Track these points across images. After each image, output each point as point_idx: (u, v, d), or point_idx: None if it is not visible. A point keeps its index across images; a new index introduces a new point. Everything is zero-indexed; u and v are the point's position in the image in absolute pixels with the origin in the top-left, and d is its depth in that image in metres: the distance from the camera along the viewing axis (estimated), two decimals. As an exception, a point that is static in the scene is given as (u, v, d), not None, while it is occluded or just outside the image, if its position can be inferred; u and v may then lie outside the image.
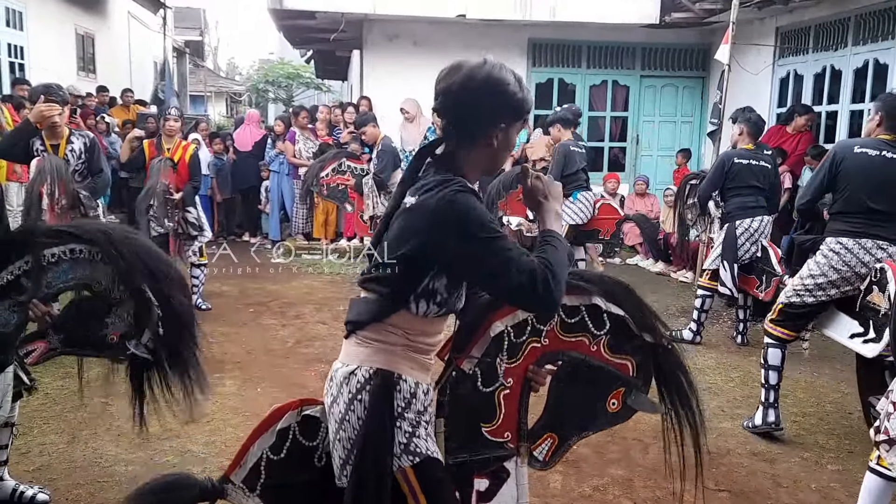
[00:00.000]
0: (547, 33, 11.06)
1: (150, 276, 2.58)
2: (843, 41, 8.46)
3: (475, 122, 1.86)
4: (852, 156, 3.94)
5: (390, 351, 1.88)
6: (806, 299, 4.06)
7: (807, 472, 3.84)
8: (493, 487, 2.19)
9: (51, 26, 11.94)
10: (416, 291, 1.84)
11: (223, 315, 6.60)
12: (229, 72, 41.60)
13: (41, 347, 2.71)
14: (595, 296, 2.18)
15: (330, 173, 8.96)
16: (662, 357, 2.23)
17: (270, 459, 2.01)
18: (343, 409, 1.88)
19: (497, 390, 2.15)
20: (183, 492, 2.01)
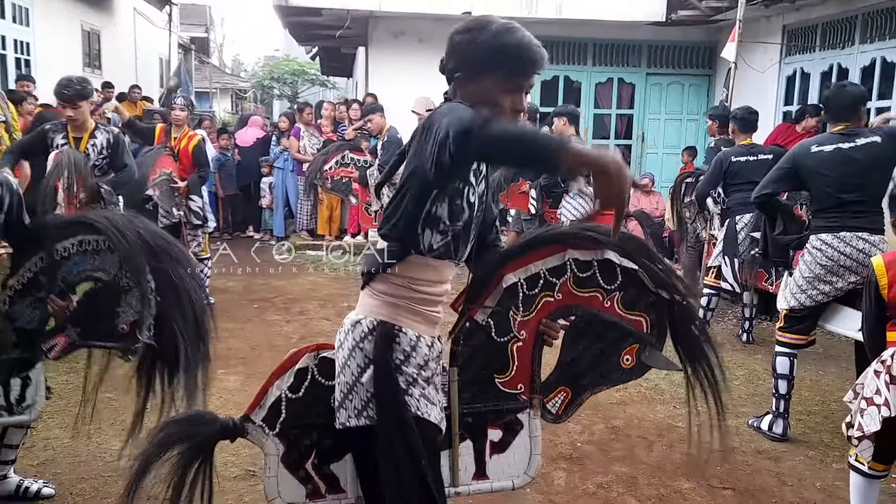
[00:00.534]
0: (553, 30, 11.02)
1: (153, 259, 2.58)
2: (850, 39, 8.44)
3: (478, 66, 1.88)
4: (810, 156, 4.02)
5: (394, 304, 1.92)
6: (804, 301, 4.08)
7: (812, 471, 3.82)
8: (507, 438, 2.25)
9: (57, 23, 11.96)
10: (421, 220, 1.86)
11: (227, 310, 6.60)
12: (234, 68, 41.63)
13: (62, 342, 2.75)
14: (608, 250, 2.17)
15: (333, 166, 8.95)
16: (678, 314, 2.20)
17: (290, 399, 2.08)
18: (346, 355, 1.94)
19: (510, 342, 2.19)
20: (205, 427, 2.07)
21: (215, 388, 4.65)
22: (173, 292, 2.60)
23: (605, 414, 4.41)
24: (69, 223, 2.76)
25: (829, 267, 3.96)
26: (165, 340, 2.59)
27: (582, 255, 2.18)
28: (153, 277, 2.58)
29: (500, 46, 1.84)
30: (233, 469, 3.54)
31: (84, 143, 4.99)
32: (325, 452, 2.13)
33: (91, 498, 3.31)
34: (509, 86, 1.87)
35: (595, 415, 4.36)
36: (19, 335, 2.75)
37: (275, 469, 2.10)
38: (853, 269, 3.92)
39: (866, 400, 2.84)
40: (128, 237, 2.58)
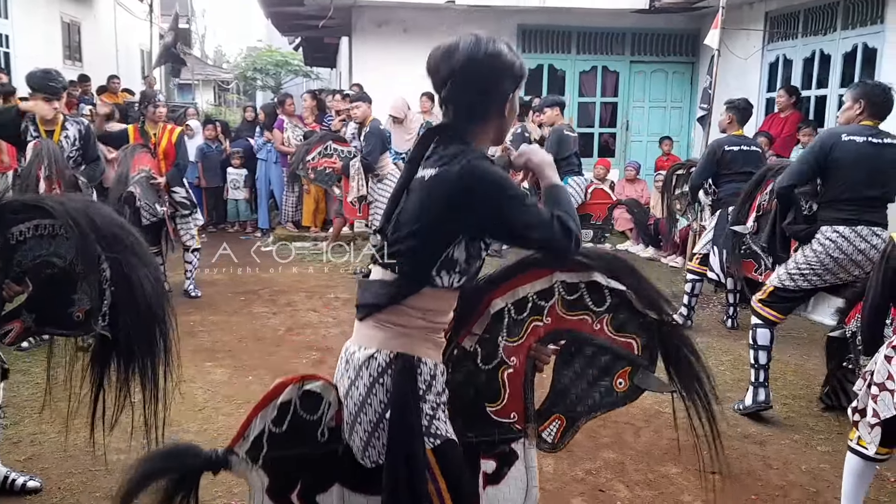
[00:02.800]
0: (536, 19, 11.03)
1: (107, 246, 2.52)
2: (832, 25, 8.48)
3: (487, 101, 1.90)
4: (842, 144, 3.94)
5: (409, 334, 1.89)
6: (800, 283, 4.09)
7: (797, 454, 3.87)
8: (502, 470, 2.20)
9: (36, 14, 11.83)
10: (437, 264, 1.85)
11: (214, 303, 6.59)
12: (217, 60, 41.31)
13: (17, 327, 2.70)
14: (595, 271, 2.15)
15: (316, 156, 8.89)
16: (667, 334, 2.20)
17: (272, 432, 2.03)
18: (363, 393, 1.89)
19: (500, 369, 2.14)
20: (188, 460, 2.02)
21: (202, 381, 4.65)
22: (127, 282, 2.52)
23: (593, 401, 4.43)
24: (24, 206, 2.67)
25: (840, 260, 3.96)
26: (119, 331, 2.53)
27: (569, 276, 2.14)
28: (108, 266, 2.51)
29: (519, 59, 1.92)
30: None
31: (57, 136, 4.97)
32: (311, 484, 2.08)
33: (79, 493, 3.30)
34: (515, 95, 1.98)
35: (583, 402, 4.38)
36: None
37: (259, 501, 2.05)
38: (860, 263, 3.93)
39: (878, 385, 2.80)
40: (81, 223, 2.51)
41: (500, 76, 1.88)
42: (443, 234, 1.84)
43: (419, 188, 1.87)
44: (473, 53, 1.84)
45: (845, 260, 3.94)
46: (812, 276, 4.04)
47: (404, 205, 1.90)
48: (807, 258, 4.07)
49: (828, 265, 3.99)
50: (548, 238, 1.83)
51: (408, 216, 1.87)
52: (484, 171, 1.80)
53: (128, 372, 2.56)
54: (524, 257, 2.18)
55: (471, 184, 1.79)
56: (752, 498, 3.42)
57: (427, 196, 1.84)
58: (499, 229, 1.87)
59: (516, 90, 1.94)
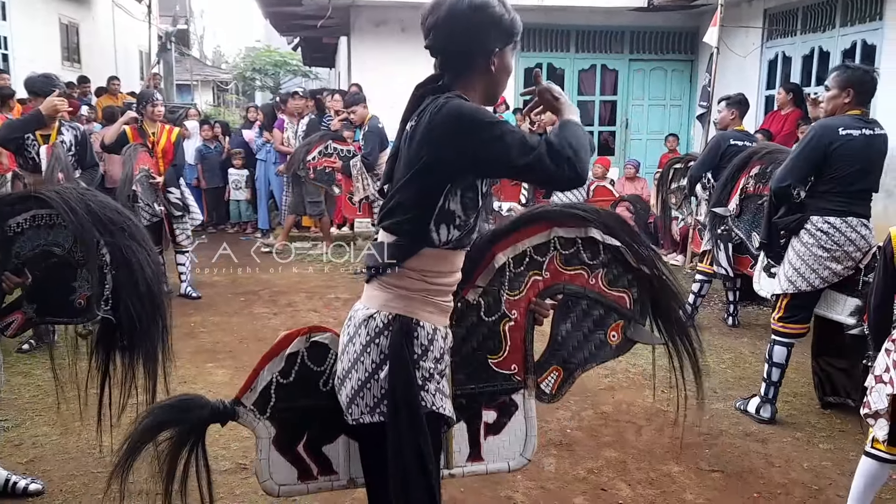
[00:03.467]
0: (535, 17, 11.00)
1: (105, 231, 2.55)
2: (830, 22, 8.48)
3: (469, 50, 1.88)
4: (840, 139, 3.88)
5: (409, 297, 1.89)
6: (800, 286, 4.02)
7: (799, 452, 3.86)
8: (502, 420, 2.27)
9: (35, 16, 11.83)
10: (434, 216, 1.83)
11: (214, 304, 6.58)
12: (215, 60, 41.28)
13: (19, 319, 2.73)
14: (592, 227, 2.22)
15: (317, 156, 8.90)
16: (658, 289, 2.28)
17: (280, 383, 2.09)
18: (358, 350, 1.90)
19: (502, 321, 2.21)
20: (196, 411, 2.06)
21: (204, 382, 4.65)
22: (126, 265, 2.55)
23: (595, 400, 4.43)
24: (21, 198, 2.71)
25: (832, 251, 3.93)
26: (122, 314, 2.55)
27: (566, 232, 2.22)
28: (107, 250, 2.55)
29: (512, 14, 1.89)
30: (224, 462, 3.53)
31: (52, 141, 4.97)
32: (317, 435, 2.14)
33: (81, 495, 3.30)
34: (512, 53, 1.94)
35: (584, 401, 4.39)
36: None
37: (266, 451, 2.11)
38: (851, 254, 3.92)
39: (875, 378, 2.83)
40: (77, 211, 2.55)
41: (483, 28, 1.85)
42: (434, 181, 1.81)
43: (406, 142, 1.87)
44: (456, 3, 1.84)
45: (837, 250, 3.91)
46: (809, 273, 3.99)
47: (398, 161, 1.91)
48: (799, 254, 4.01)
49: (820, 258, 3.95)
50: (532, 163, 1.75)
51: (402, 171, 1.87)
52: (460, 106, 1.77)
53: (133, 354, 2.59)
54: (525, 212, 2.27)
55: (448, 120, 1.76)
56: (754, 496, 3.41)
57: (412, 143, 1.83)
58: (485, 162, 1.80)
59: (507, 46, 1.90)
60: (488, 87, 1.92)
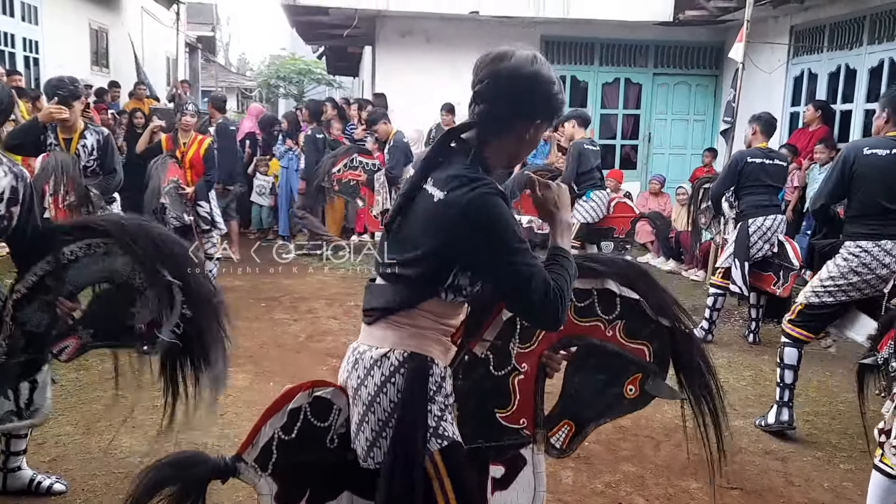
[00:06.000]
0: (560, 30, 11.05)
1: (166, 261, 2.63)
2: (858, 40, 8.43)
3: (514, 113, 1.85)
4: (863, 157, 3.90)
5: (423, 335, 1.89)
6: (825, 300, 4.04)
7: (819, 471, 3.83)
8: (510, 475, 2.19)
9: (65, 21, 12.00)
10: (444, 284, 1.85)
11: (235, 309, 6.61)
12: (240, 67, 41.69)
13: (73, 343, 2.78)
14: (608, 279, 2.15)
15: (342, 169, 8.98)
16: (680, 342, 2.19)
17: (282, 439, 2.02)
18: (373, 392, 1.89)
19: (511, 375, 2.14)
20: (196, 468, 2.02)
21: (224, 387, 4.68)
22: (193, 295, 2.65)
23: (613, 414, 4.41)
24: (76, 227, 2.79)
25: (863, 274, 3.92)
26: (187, 338, 2.64)
27: (581, 283, 2.13)
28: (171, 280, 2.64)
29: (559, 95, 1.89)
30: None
31: (74, 145, 4.98)
32: (320, 491, 2.08)
33: (102, 495, 3.33)
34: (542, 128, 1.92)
35: (602, 414, 4.37)
36: (28, 339, 2.77)
37: None
38: (885, 277, 3.88)
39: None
40: (140, 242, 2.63)
41: (535, 98, 1.84)
42: (446, 261, 1.83)
43: (429, 206, 1.82)
44: (522, 65, 1.82)
45: (870, 275, 3.90)
46: (837, 292, 3.99)
47: (410, 215, 1.88)
48: (830, 273, 4.03)
49: (852, 280, 3.95)
50: (528, 303, 1.77)
51: (419, 233, 1.85)
52: (493, 212, 1.75)
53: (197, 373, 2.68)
54: None
55: (475, 221, 1.74)
56: (773, 515, 3.39)
57: (434, 220, 1.81)
58: (489, 275, 1.83)
59: (544, 122, 1.89)
60: (514, 153, 1.93)
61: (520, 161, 2.01)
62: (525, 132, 1.87)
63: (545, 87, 1.84)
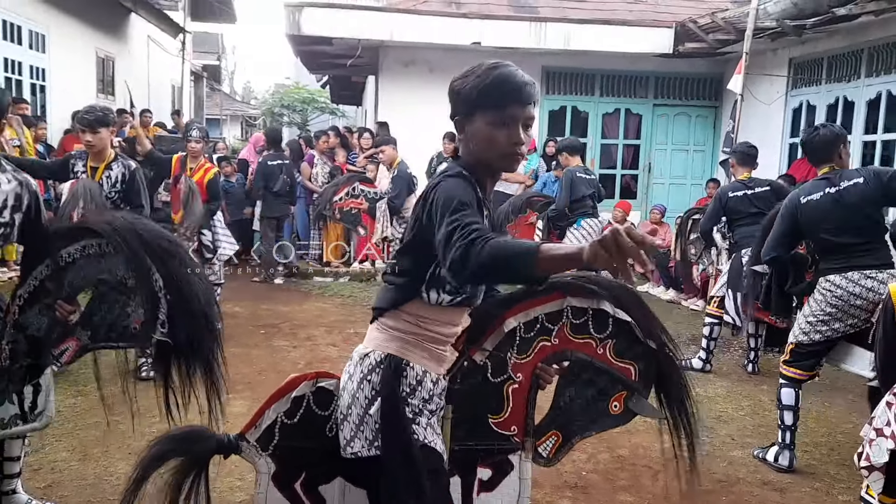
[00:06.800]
0: (561, 61, 11.15)
1: (156, 258, 2.62)
2: (856, 72, 8.51)
3: (454, 112, 1.99)
4: (802, 206, 4.07)
5: (402, 339, 1.99)
6: (813, 336, 4.10)
7: (817, 502, 3.81)
8: (496, 478, 2.29)
9: (72, 49, 12.14)
10: (424, 279, 1.93)
11: (234, 336, 6.63)
12: (245, 95, 42.04)
13: (73, 345, 2.81)
14: (604, 300, 2.26)
15: (344, 197, 9.05)
16: (665, 364, 2.31)
17: (284, 423, 2.15)
18: (355, 387, 2.00)
19: (506, 384, 2.24)
20: (201, 443, 2.14)
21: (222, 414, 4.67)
22: (180, 291, 2.63)
23: (611, 443, 4.40)
24: (71, 230, 2.82)
25: (839, 307, 3.97)
26: (178, 334, 2.62)
27: (579, 302, 2.26)
28: (160, 276, 2.62)
29: (482, 83, 1.91)
30: (238, 494, 3.56)
31: (100, 173, 4.97)
32: (315, 475, 2.19)
33: (97, 520, 3.33)
34: (498, 119, 1.89)
35: (600, 444, 4.36)
36: (30, 343, 2.81)
37: (264, 486, 2.16)
38: (864, 307, 3.92)
39: (876, 431, 2.83)
40: (128, 239, 2.62)
41: (456, 96, 1.97)
42: (424, 251, 1.88)
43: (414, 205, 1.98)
44: (476, 65, 1.97)
45: (845, 305, 3.96)
46: (822, 326, 4.05)
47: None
48: (811, 310, 4.11)
49: (831, 313, 4.01)
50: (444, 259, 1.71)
51: (407, 230, 1.99)
52: (442, 184, 1.85)
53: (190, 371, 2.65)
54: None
55: (433, 198, 1.83)
56: (770, 546, 3.37)
57: (414, 214, 1.95)
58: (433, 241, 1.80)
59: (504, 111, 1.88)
60: (475, 149, 1.95)
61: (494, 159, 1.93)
62: (463, 125, 1.97)
63: (459, 82, 1.95)
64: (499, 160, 1.94)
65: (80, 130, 4.97)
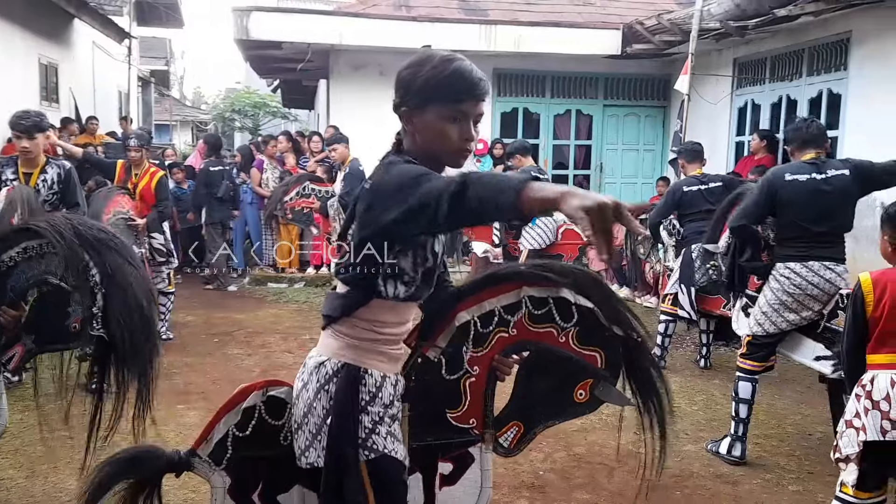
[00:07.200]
0: (511, 63, 11.22)
1: (92, 251, 2.55)
2: (797, 72, 8.73)
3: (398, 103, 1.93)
4: (785, 184, 4.07)
5: (358, 346, 1.94)
6: (768, 328, 4.17)
7: (769, 494, 3.89)
8: (457, 472, 2.26)
9: (14, 56, 11.82)
10: (383, 272, 1.87)
11: (187, 345, 6.54)
12: (195, 101, 41.44)
13: (19, 351, 2.74)
14: (564, 288, 2.18)
15: (294, 197, 8.98)
16: (632, 350, 2.24)
17: (236, 436, 2.09)
18: (311, 397, 1.95)
19: (463, 378, 2.20)
20: (151, 462, 2.08)
21: (175, 424, 4.61)
22: (115, 283, 2.55)
23: (567, 441, 4.44)
24: (10, 233, 2.74)
25: (795, 295, 4.04)
26: (113, 330, 2.53)
27: (538, 291, 2.19)
28: (97, 270, 2.55)
29: (438, 76, 1.86)
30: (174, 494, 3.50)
31: (34, 179, 4.88)
32: (273, 484, 2.14)
33: (46, 539, 3.25)
34: (451, 113, 1.86)
35: (557, 443, 4.39)
36: None
37: (220, 501, 2.11)
38: (819, 297, 4.01)
39: (846, 423, 2.89)
40: (65, 235, 2.55)
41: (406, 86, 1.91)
42: (378, 243, 1.85)
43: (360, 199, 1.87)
44: (426, 56, 1.92)
45: (802, 295, 4.03)
46: (776, 316, 4.11)
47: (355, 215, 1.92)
48: (767, 299, 4.16)
49: (786, 302, 4.07)
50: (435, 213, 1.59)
51: (355, 228, 1.89)
52: (393, 168, 1.78)
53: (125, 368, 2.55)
54: (493, 271, 2.26)
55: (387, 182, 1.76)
56: (724, 538, 3.43)
57: (361, 207, 1.84)
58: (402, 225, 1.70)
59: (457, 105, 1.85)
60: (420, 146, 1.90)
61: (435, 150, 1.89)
62: (411, 117, 1.90)
63: (403, 73, 1.92)
64: (447, 155, 1.91)
65: (16, 136, 4.86)
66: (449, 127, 1.86)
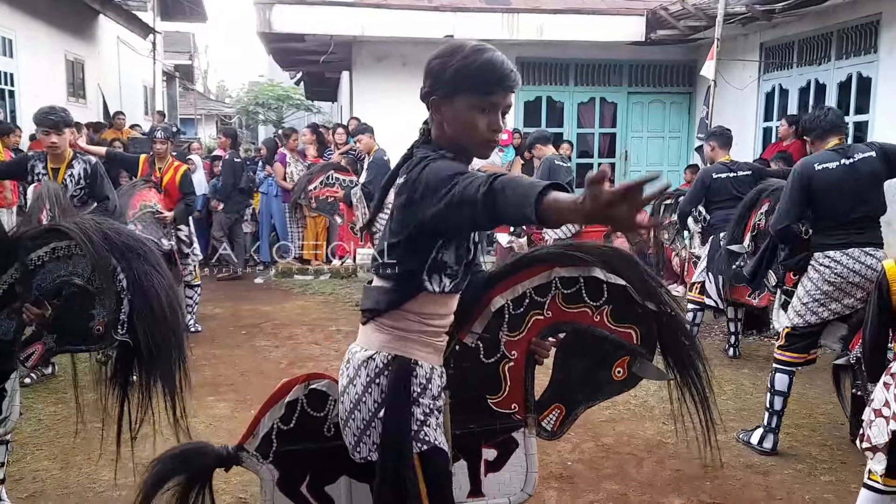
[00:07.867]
0: (534, 52, 11.15)
1: (121, 257, 2.59)
2: (826, 55, 8.58)
3: (428, 92, 1.91)
4: (816, 174, 4.02)
5: (407, 338, 1.94)
6: (809, 319, 4.10)
7: (800, 484, 3.85)
8: (502, 457, 2.27)
9: (40, 53, 11.97)
10: (426, 267, 1.87)
11: (216, 337, 6.60)
12: (219, 94, 41.66)
13: (39, 349, 2.78)
14: (594, 267, 2.20)
15: (318, 186, 9.01)
16: (666, 325, 2.25)
17: (281, 429, 2.14)
18: (360, 392, 1.94)
19: (501, 362, 2.22)
20: (201, 458, 2.14)
21: (205, 416, 4.65)
22: (142, 289, 2.59)
23: (595, 432, 4.43)
24: (41, 233, 2.78)
25: (837, 284, 3.98)
26: (139, 337, 2.58)
27: (568, 271, 2.21)
28: (124, 276, 2.59)
29: (469, 66, 1.84)
30: (224, 497, 3.53)
31: (62, 174, 4.97)
32: (319, 476, 2.18)
33: (81, 530, 3.30)
34: (481, 104, 1.85)
35: (585, 433, 4.38)
36: None
37: (270, 494, 2.15)
38: (861, 284, 3.94)
39: (875, 412, 2.83)
40: (94, 239, 2.59)
41: (436, 75, 1.89)
42: (423, 239, 1.84)
43: (398, 193, 1.88)
44: (458, 45, 1.89)
45: (843, 283, 3.96)
46: (817, 307, 4.05)
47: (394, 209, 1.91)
48: (807, 290, 4.09)
49: (828, 292, 4.01)
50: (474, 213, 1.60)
51: (395, 222, 1.88)
52: (433, 165, 1.76)
53: (150, 376, 2.60)
54: (522, 255, 2.27)
55: (425, 185, 1.74)
56: (755, 528, 3.40)
57: (402, 203, 1.84)
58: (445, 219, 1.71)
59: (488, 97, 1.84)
60: (449, 136, 1.90)
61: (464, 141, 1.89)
62: (440, 106, 1.89)
63: (432, 63, 1.89)
64: (476, 146, 1.91)
65: (44, 132, 4.93)
66: (478, 117, 1.86)
